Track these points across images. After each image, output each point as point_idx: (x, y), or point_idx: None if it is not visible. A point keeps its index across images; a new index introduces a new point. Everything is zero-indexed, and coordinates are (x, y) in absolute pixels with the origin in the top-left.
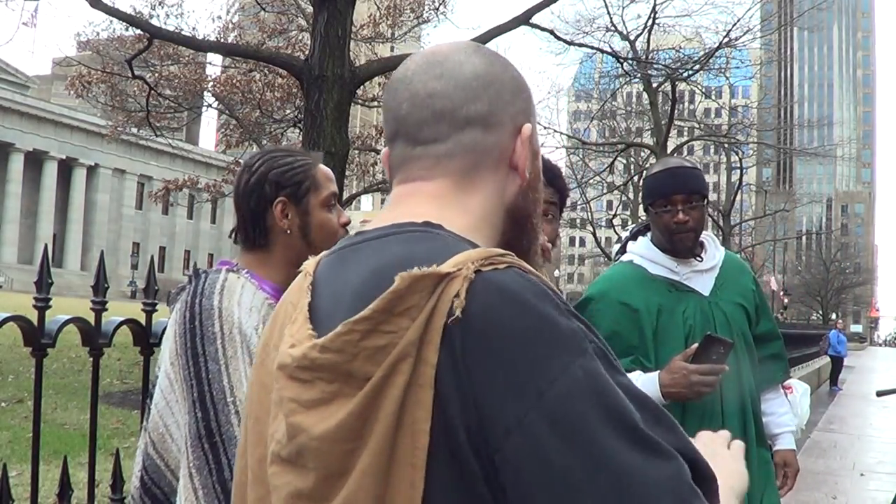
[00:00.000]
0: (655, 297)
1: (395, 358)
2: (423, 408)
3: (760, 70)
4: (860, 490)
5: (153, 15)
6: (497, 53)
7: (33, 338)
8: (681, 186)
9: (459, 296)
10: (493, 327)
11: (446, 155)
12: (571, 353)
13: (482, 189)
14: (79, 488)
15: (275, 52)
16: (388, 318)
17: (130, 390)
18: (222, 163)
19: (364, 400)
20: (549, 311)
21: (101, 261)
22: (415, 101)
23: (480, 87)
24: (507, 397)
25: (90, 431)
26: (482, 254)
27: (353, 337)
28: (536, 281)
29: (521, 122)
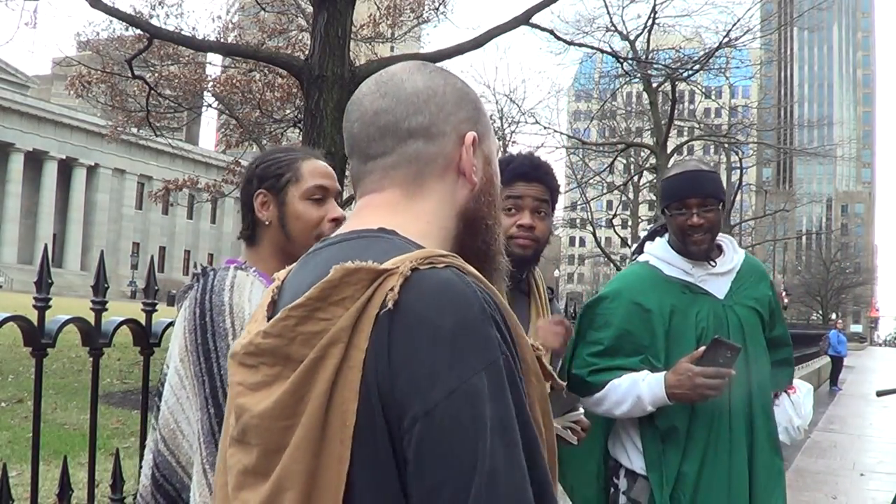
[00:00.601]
0: (669, 298)
1: (327, 342)
2: (351, 389)
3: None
4: (860, 490)
5: (153, 15)
6: (441, 69)
7: (33, 338)
8: (696, 190)
9: (394, 290)
10: (418, 321)
11: (392, 166)
12: (483, 361)
13: (431, 195)
14: (79, 488)
15: (275, 52)
16: (324, 307)
17: (130, 390)
18: (222, 163)
19: (297, 379)
20: (472, 315)
21: (101, 261)
22: (363, 119)
23: (421, 102)
24: (420, 389)
25: (90, 431)
26: (424, 254)
27: (289, 322)
28: (471, 282)
29: (464, 131)
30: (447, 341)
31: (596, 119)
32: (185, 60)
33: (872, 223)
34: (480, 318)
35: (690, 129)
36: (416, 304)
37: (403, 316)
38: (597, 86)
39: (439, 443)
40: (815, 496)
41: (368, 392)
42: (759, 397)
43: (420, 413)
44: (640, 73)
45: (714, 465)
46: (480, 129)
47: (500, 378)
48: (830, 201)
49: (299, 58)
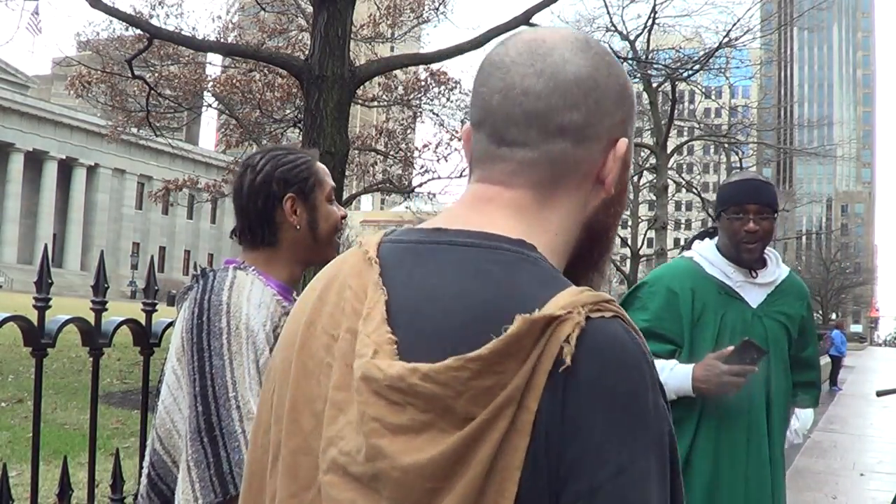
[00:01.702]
0: (701, 292)
1: (502, 401)
2: (518, 454)
3: (760, 70)
4: (860, 490)
5: (153, 15)
6: (606, 52)
7: (33, 338)
8: (756, 197)
9: (570, 342)
10: (596, 385)
11: (531, 163)
12: (654, 437)
13: (563, 203)
14: (79, 488)
15: (275, 52)
16: (502, 360)
17: (130, 390)
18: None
19: (462, 441)
20: (647, 383)
21: (101, 261)
22: (508, 94)
23: (581, 94)
24: (589, 462)
25: (90, 431)
26: (592, 298)
27: (463, 374)
28: (638, 339)
29: (617, 136)
30: (620, 413)
31: None
32: (185, 60)
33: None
34: (651, 386)
35: (690, 129)
36: (591, 364)
37: (580, 376)
38: None
39: None
40: (815, 496)
41: (536, 459)
42: (776, 407)
43: (584, 490)
44: (640, 73)
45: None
46: (629, 131)
47: (665, 456)
48: (830, 201)
49: (299, 58)
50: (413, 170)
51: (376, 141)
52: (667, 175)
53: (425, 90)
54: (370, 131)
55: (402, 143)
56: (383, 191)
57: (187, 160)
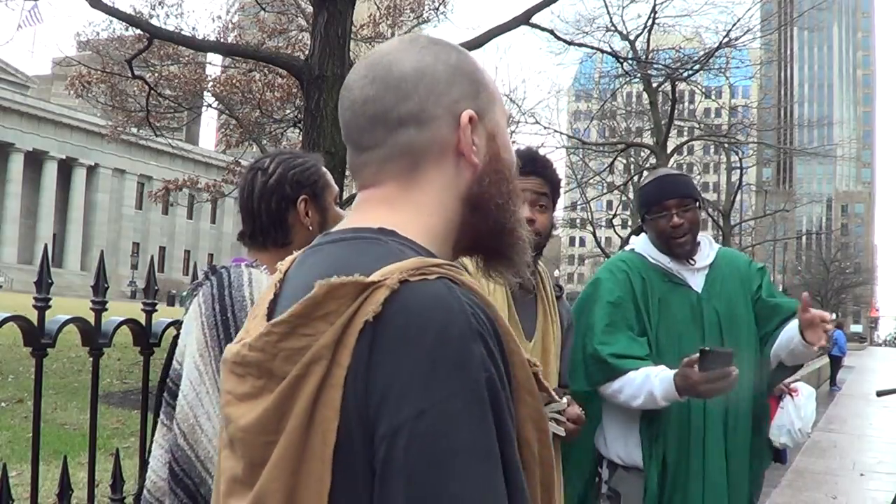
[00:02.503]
0: (649, 280)
1: (308, 359)
2: (332, 407)
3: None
4: (860, 490)
5: (153, 15)
6: (435, 43)
7: (33, 338)
8: (673, 191)
9: (378, 303)
10: (399, 337)
11: (386, 159)
12: (462, 381)
13: (430, 186)
14: (79, 488)
15: (275, 52)
16: (307, 322)
17: (130, 390)
18: (222, 163)
19: (279, 397)
20: (455, 330)
21: (101, 261)
22: (354, 108)
23: (410, 86)
24: (390, 407)
25: (90, 431)
26: (415, 264)
27: (272, 338)
28: (461, 294)
29: (459, 110)
30: (423, 357)
31: (596, 119)
32: (185, 60)
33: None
34: (465, 334)
35: (690, 129)
36: (399, 318)
37: (385, 331)
38: (597, 86)
39: (403, 465)
40: (815, 496)
41: (348, 410)
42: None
43: (388, 432)
44: (640, 73)
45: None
46: (481, 104)
47: (482, 400)
48: (830, 201)
49: (299, 58)
50: None
51: None
52: None
53: None
54: None
55: None
56: None
57: (187, 160)
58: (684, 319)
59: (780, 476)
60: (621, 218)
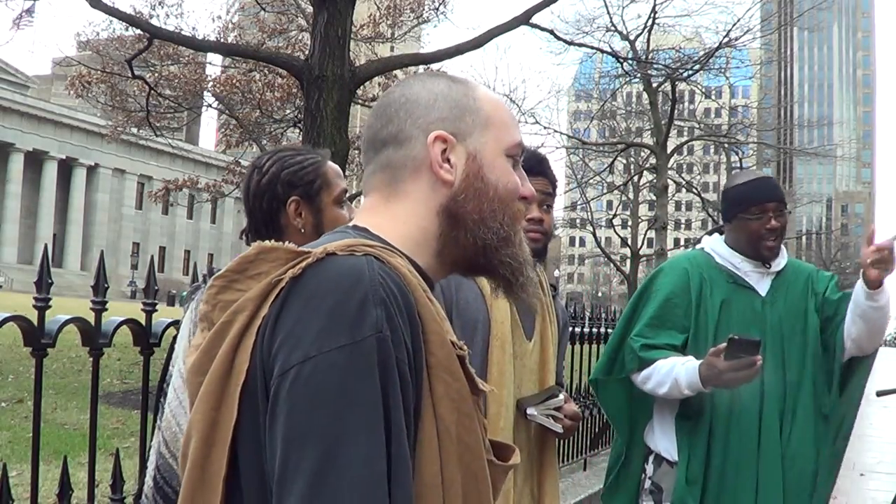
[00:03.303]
0: (711, 280)
1: (235, 308)
2: (246, 351)
3: (760, 70)
4: (860, 490)
5: (153, 15)
6: (437, 77)
7: (33, 338)
8: (773, 195)
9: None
10: (306, 295)
11: (372, 174)
12: (351, 336)
13: (406, 198)
14: (79, 488)
15: (275, 52)
16: (241, 279)
17: (130, 390)
18: (222, 163)
19: (209, 340)
20: (357, 293)
21: (101, 261)
22: (363, 135)
23: (392, 111)
24: (286, 351)
25: (90, 431)
26: (349, 242)
27: (212, 290)
28: (377, 268)
29: (432, 130)
30: (323, 313)
31: (596, 119)
32: (185, 60)
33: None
34: (366, 298)
35: (690, 129)
36: (312, 280)
37: (298, 290)
38: (597, 86)
39: (285, 402)
40: None
41: (255, 355)
42: (791, 399)
43: (279, 373)
44: (640, 73)
45: (740, 460)
46: (462, 126)
47: (369, 358)
48: (830, 201)
49: (299, 58)
50: None
51: None
52: (667, 175)
53: None
54: None
55: None
56: None
57: (187, 160)
58: (746, 322)
59: None
60: (621, 218)
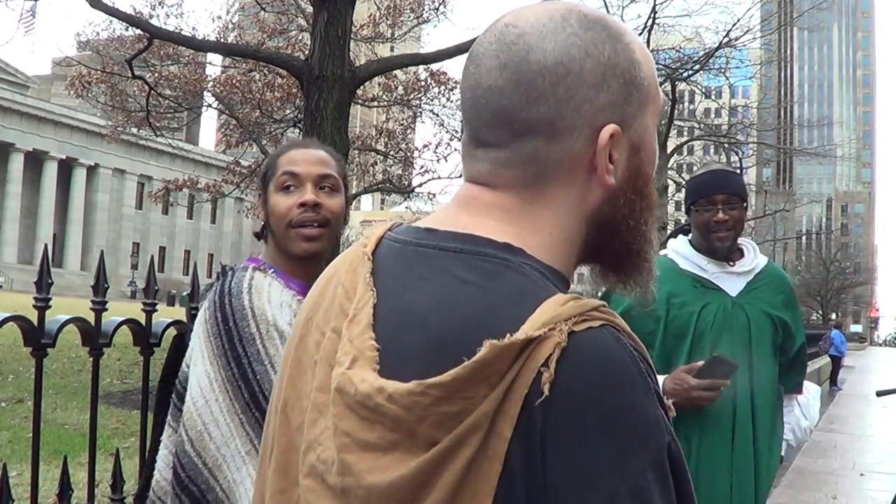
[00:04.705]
0: (676, 289)
1: (466, 429)
2: (489, 482)
3: (760, 70)
4: (860, 490)
5: (153, 15)
6: (591, 25)
7: (33, 338)
8: (722, 187)
9: (549, 366)
10: (581, 404)
11: (505, 164)
12: (651, 453)
13: (554, 201)
14: (79, 488)
15: (275, 52)
16: (467, 386)
17: (130, 390)
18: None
19: (424, 466)
20: (640, 396)
21: (101, 261)
22: (476, 92)
23: (547, 85)
24: (580, 489)
25: (90, 431)
26: (576, 308)
27: (424, 400)
28: (631, 347)
29: (601, 122)
30: (611, 431)
31: None
32: (185, 60)
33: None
34: (645, 397)
35: (690, 129)
36: (575, 382)
37: (560, 399)
38: None
39: None
40: (815, 496)
41: (511, 486)
42: (760, 398)
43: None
44: None
45: (713, 467)
46: (630, 110)
47: (665, 470)
48: (830, 201)
49: (299, 58)
50: (413, 170)
51: (376, 141)
52: (667, 175)
53: (425, 90)
54: (370, 131)
55: (402, 143)
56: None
57: (187, 160)
58: (718, 324)
59: (780, 476)
60: None
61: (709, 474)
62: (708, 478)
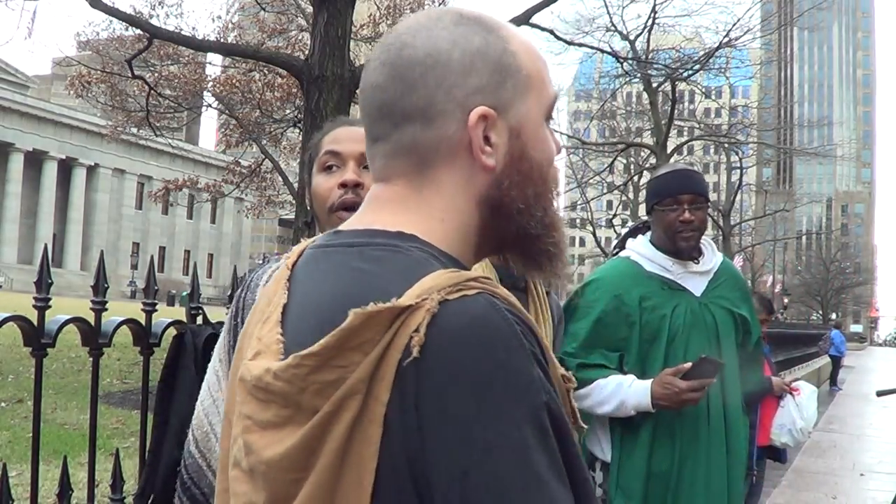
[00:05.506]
0: (647, 293)
1: (342, 394)
2: (371, 445)
3: (760, 70)
4: (860, 490)
5: (153, 15)
6: (463, 21)
7: (33, 338)
8: (689, 187)
9: (419, 331)
10: (450, 370)
11: (392, 155)
12: (526, 409)
13: (441, 187)
14: (79, 488)
15: (275, 52)
16: (340, 353)
17: (130, 390)
18: (222, 163)
19: (309, 433)
20: (514, 356)
21: (101, 261)
22: (365, 93)
23: (418, 76)
24: (456, 445)
25: (90, 431)
26: (451, 279)
27: (301, 371)
28: (507, 312)
29: (473, 105)
30: (483, 389)
31: (596, 119)
32: (185, 60)
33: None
34: (519, 356)
35: (690, 129)
36: (447, 346)
37: (432, 362)
38: (597, 86)
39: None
40: (815, 496)
41: (392, 449)
42: (730, 395)
43: (457, 473)
44: (640, 73)
45: (693, 463)
46: (504, 95)
47: (544, 427)
48: (830, 201)
49: (299, 58)
50: None
51: None
52: None
53: None
54: None
55: None
56: None
57: (187, 160)
58: (688, 325)
59: (780, 476)
60: (621, 218)
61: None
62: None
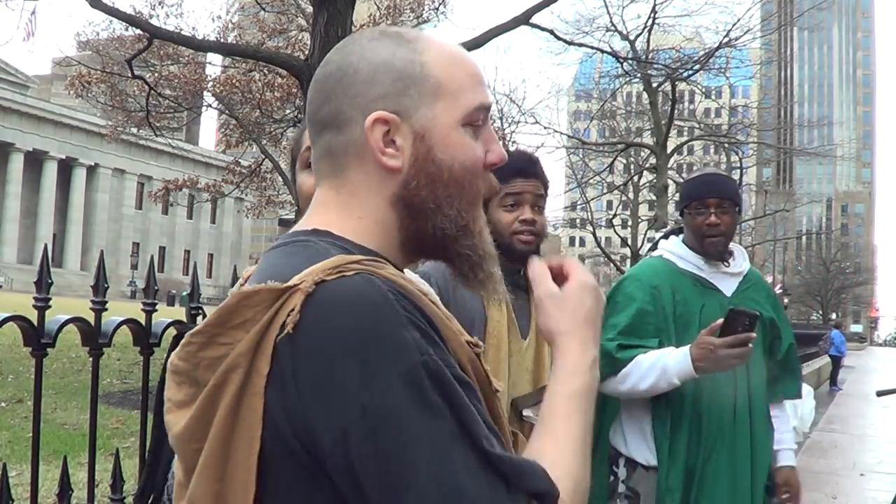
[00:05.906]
0: (679, 287)
1: (225, 368)
2: (254, 415)
3: (760, 70)
4: (860, 490)
5: (153, 15)
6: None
7: (33, 338)
8: (715, 191)
9: (294, 310)
10: (321, 338)
11: (317, 160)
12: (398, 369)
13: (356, 189)
14: (79, 488)
15: (275, 52)
16: (224, 331)
17: (130, 390)
18: (222, 163)
19: (200, 405)
20: (386, 323)
21: (100, 261)
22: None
23: (329, 87)
24: (334, 409)
25: (90, 431)
26: (333, 262)
27: (192, 349)
28: (382, 286)
29: (372, 111)
30: (353, 355)
31: (596, 119)
32: (185, 60)
33: (872, 223)
34: (391, 322)
35: (690, 129)
36: (318, 320)
37: (305, 335)
38: (597, 86)
39: (361, 466)
40: (815, 496)
41: (275, 418)
42: (756, 399)
43: (337, 436)
44: (640, 73)
45: (717, 460)
46: (407, 102)
47: (422, 385)
48: (830, 201)
49: (299, 58)
50: None
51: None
52: (667, 175)
53: None
54: None
55: None
56: None
57: (187, 160)
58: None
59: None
60: (621, 218)
61: (710, 469)
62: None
